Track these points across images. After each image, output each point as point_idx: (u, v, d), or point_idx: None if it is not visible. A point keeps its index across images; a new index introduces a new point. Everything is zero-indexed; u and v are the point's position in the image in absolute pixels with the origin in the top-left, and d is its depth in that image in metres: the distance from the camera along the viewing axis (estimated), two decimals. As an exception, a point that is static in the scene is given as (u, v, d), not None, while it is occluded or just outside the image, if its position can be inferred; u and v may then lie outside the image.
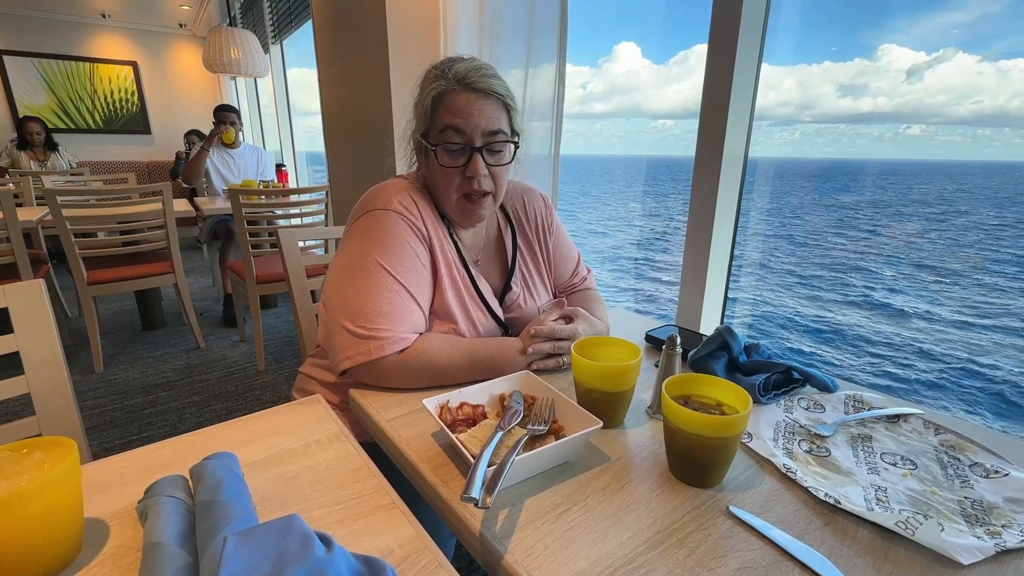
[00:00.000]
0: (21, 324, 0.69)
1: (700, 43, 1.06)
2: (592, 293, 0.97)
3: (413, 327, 0.72)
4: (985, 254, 5.70)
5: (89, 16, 4.81)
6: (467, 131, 0.73)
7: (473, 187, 0.76)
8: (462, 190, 0.77)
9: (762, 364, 0.72)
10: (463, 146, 0.74)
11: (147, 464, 0.53)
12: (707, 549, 0.43)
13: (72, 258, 2.09)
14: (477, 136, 0.74)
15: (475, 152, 0.74)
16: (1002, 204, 9.61)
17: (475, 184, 0.75)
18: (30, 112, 4.58)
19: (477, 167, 0.74)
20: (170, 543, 0.37)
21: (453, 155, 0.75)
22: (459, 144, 0.74)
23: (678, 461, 0.52)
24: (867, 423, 0.64)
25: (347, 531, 0.44)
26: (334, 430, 0.59)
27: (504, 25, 1.49)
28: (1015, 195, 11.11)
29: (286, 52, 4.00)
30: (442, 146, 0.74)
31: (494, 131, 0.74)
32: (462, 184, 0.76)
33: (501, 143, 0.76)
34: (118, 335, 2.67)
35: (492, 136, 0.74)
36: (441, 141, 0.74)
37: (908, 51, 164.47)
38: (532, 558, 0.42)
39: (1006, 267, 5.32)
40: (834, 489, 0.50)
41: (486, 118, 0.73)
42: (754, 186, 4.81)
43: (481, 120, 0.73)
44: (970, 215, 8.20)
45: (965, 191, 11.46)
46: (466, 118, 0.73)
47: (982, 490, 0.51)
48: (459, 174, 0.76)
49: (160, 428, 1.82)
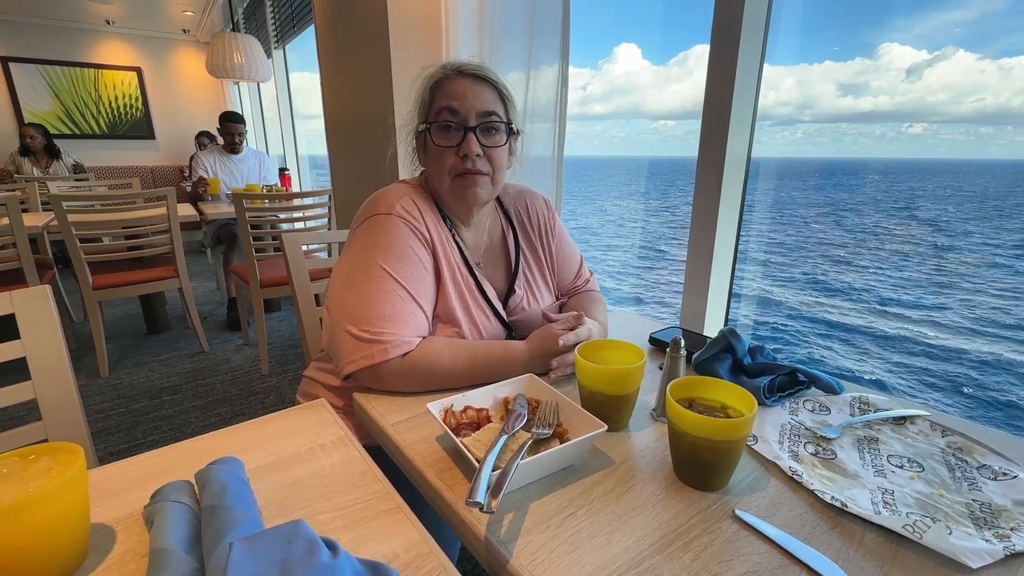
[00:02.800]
0: (28, 330, 0.69)
1: (700, 43, 1.06)
2: (594, 295, 0.97)
3: (416, 331, 0.72)
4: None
5: (93, 23, 4.84)
6: (462, 111, 0.75)
7: (467, 166, 0.76)
8: (456, 170, 0.77)
9: (767, 366, 0.72)
10: (457, 125, 0.76)
11: (153, 469, 0.53)
12: (713, 553, 0.43)
13: (77, 263, 2.10)
14: (471, 116, 0.75)
15: (469, 131, 0.76)
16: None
17: (468, 163, 0.76)
18: (36, 119, 4.62)
19: (471, 145, 0.75)
20: (176, 548, 0.38)
21: (447, 134, 0.76)
22: (453, 122, 0.76)
23: (683, 464, 0.52)
24: (873, 425, 0.63)
25: (352, 536, 0.44)
26: (339, 434, 0.59)
27: (505, 27, 1.49)
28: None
29: (288, 56, 4.02)
30: (437, 124, 0.76)
31: (488, 112, 0.76)
32: (456, 164, 0.77)
33: (495, 123, 0.77)
34: (123, 339, 2.69)
35: (486, 117, 0.76)
36: (437, 120, 0.77)
37: (910, 49, 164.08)
38: (537, 562, 0.42)
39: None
40: (841, 492, 0.50)
41: (481, 101, 0.76)
42: (757, 183, 4.72)
43: (476, 102, 0.75)
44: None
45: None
46: (461, 100, 0.75)
47: (991, 492, 0.51)
48: (453, 154, 0.77)
49: (165, 432, 1.82)
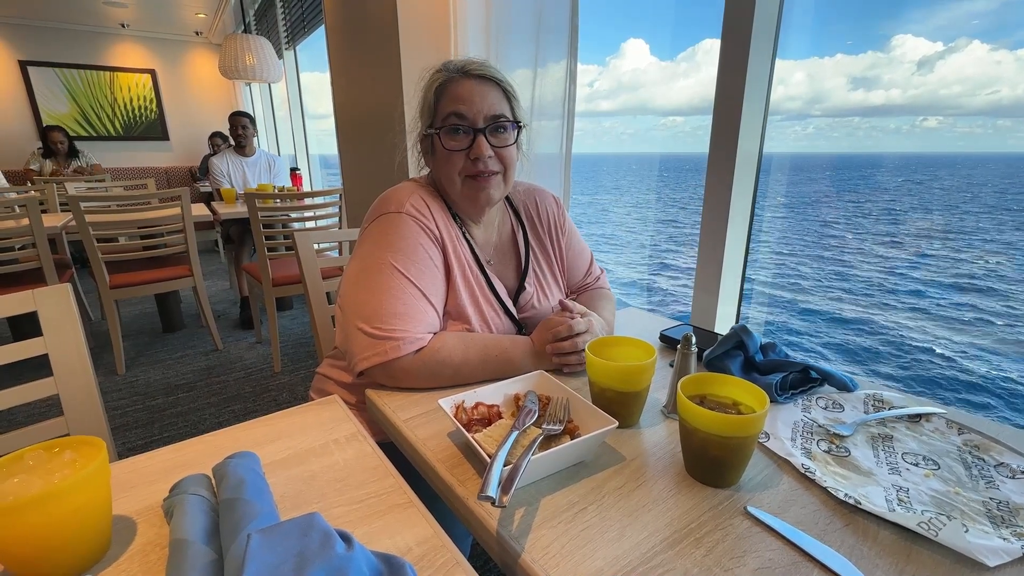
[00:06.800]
0: (50, 327, 0.71)
1: (708, 38, 1.06)
2: (603, 292, 0.97)
3: (428, 327, 0.73)
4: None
5: (109, 26, 4.92)
6: (469, 115, 0.75)
7: (479, 168, 0.77)
8: (467, 172, 0.78)
9: (779, 363, 0.71)
10: (466, 127, 0.76)
11: (171, 463, 0.54)
12: (725, 549, 0.43)
13: (95, 262, 2.14)
14: (480, 119, 0.75)
15: (479, 133, 0.76)
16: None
17: (480, 165, 0.76)
18: (53, 121, 4.71)
19: (482, 147, 0.75)
20: (196, 540, 0.38)
21: (457, 138, 0.76)
22: (462, 126, 0.76)
23: (695, 461, 0.52)
24: (887, 423, 0.63)
25: (366, 529, 0.44)
26: (352, 430, 0.60)
27: (513, 25, 1.49)
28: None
29: (299, 57, 4.06)
30: (445, 129, 0.76)
31: (496, 115, 0.76)
32: (467, 166, 0.77)
33: (504, 124, 0.77)
34: (139, 337, 2.73)
35: (495, 119, 0.76)
36: (445, 125, 0.76)
37: (923, 41, 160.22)
38: (549, 557, 0.42)
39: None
40: (854, 489, 0.50)
41: (488, 103, 0.76)
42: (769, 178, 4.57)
43: (483, 105, 0.75)
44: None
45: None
46: (468, 103, 0.75)
47: (1008, 491, 0.50)
48: (464, 157, 0.77)
49: (181, 428, 1.85)
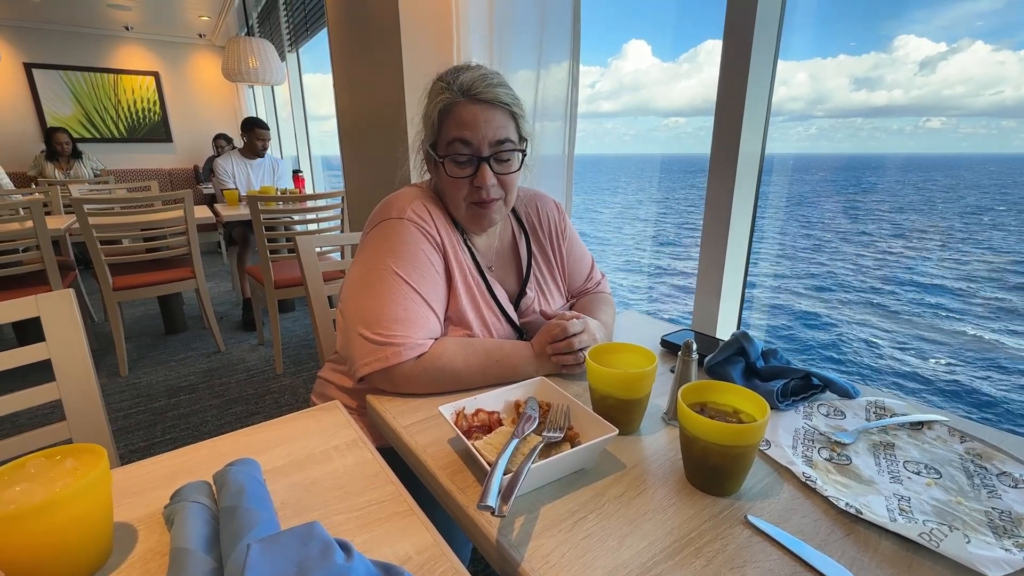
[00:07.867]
0: (53, 333, 0.71)
1: (710, 39, 1.05)
2: (603, 296, 0.96)
3: (429, 333, 0.73)
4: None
5: (113, 29, 4.96)
6: (474, 142, 0.74)
7: (482, 196, 0.77)
8: (471, 198, 0.78)
9: (780, 370, 0.71)
10: (471, 156, 0.75)
11: (172, 469, 0.54)
12: (725, 559, 0.43)
13: (98, 264, 2.15)
14: (484, 146, 0.74)
15: (483, 162, 0.75)
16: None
17: (483, 193, 0.76)
18: (58, 123, 4.74)
19: (485, 177, 0.75)
20: (196, 548, 0.39)
21: (461, 166, 0.76)
22: (467, 155, 0.75)
23: (695, 469, 0.52)
24: (889, 430, 0.62)
25: (366, 537, 0.44)
26: (352, 436, 0.60)
27: (515, 26, 1.49)
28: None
29: (302, 59, 4.07)
30: (450, 157, 0.75)
31: (501, 140, 0.75)
32: (471, 193, 0.77)
33: (508, 151, 0.76)
34: (142, 339, 2.74)
35: (499, 146, 0.75)
36: (449, 153, 0.75)
37: (926, 42, 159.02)
38: (548, 566, 0.42)
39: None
40: (855, 498, 0.50)
41: (493, 129, 0.74)
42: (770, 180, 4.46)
43: (488, 131, 0.74)
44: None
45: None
46: (473, 130, 0.73)
47: (1011, 500, 0.50)
48: (468, 184, 0.76)
49: (183, 431, 1.86)
